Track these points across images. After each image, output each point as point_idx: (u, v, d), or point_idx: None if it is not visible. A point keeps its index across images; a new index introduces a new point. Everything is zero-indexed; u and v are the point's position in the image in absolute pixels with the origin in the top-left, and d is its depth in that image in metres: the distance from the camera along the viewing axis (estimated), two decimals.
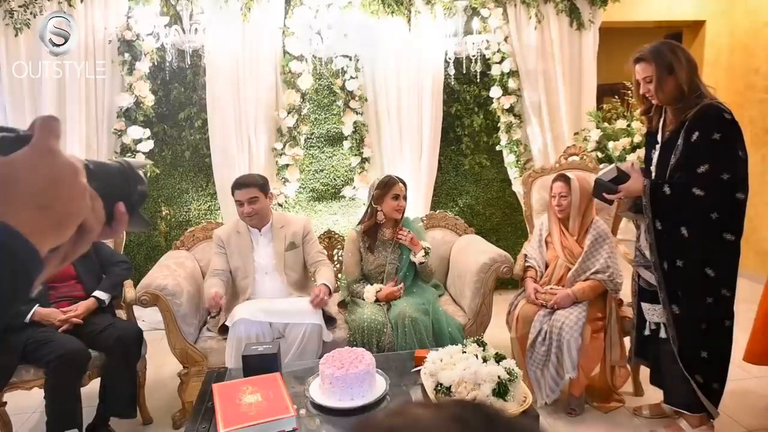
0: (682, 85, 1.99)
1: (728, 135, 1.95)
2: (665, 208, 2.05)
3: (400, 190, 2.73)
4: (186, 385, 2.46)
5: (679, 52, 2.03)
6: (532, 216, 3.15)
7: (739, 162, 1.95)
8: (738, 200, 1.94)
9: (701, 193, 1.94)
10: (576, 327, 2.37)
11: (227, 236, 2.64)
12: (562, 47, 3.88)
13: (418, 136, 3.84)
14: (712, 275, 2.00)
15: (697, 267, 2.02)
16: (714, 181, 1.93)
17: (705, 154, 1.95)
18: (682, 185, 2.00)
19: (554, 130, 3.94)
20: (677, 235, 2.04)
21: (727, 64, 4.74)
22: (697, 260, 2.02)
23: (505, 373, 1.67)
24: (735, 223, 1.98)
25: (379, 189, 2.73)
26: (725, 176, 1.92)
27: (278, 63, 3.63)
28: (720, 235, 1.98)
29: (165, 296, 2.39)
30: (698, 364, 2.07)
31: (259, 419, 1.59)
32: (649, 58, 2.04)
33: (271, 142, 3.70)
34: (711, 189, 1.94)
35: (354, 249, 2.80)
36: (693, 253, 2.03)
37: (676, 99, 2.03)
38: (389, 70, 3.74)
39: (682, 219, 2.03)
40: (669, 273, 2.07)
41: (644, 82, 2.08)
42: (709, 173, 1.93)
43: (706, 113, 1.97)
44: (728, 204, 1.95)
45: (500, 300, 2.87)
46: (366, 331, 2.42)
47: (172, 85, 3.68)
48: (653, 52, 2.04)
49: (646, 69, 2.05)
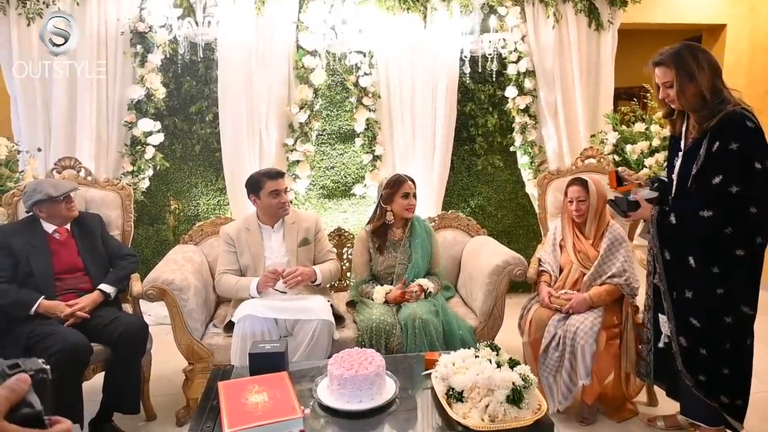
0: (704, 91, 1.88)
1: (746, 145, 1.83)
2: (672, 236, 1.98)
3: (410, 188, 2.68)
4: (191, 382, 2.43)
5: (700, 56, 1.92)
6: (546, 219, 3.09)
7: (756, 175, 1.82)
8: (751, 214, 1.83)
9: (710, 213, 1.86)
10: (591, 332, 2.31)
11: (237, 233, 2.60)
12: (580, 48, 3.81)
13: (431, 134, 3.78)
14: (722, 293, 1.91)
15: (706, 291, 1.94)
16: (720, 195, 1.84)
17: (720, 165, 1.86)
18: (688, 214, 1.93)
19: (570, 132, 3.87)
20: (685, 264, 1.97)
21: (748, 68, 4.65)
22: (705, 286, 1.94)
23: (519, 379, 1.61)
24: (748, 239, 1.86)
25: (388, 188, 2.67)
26: (734, 189, 1.82)
27: (291, 58, 3.59)
28: (730, 250, 1.88)
29: (172, 291, 2.35)
30: (721, 385, 1.99)
31: (265, 420, 1.55)
32: (669, 63, 1.94)
33: (282, 137, 3.66)
34: (718, 205, 1.85)
35: (363, 249, 2.75)
36: (701, 281, 1.95)
37: (698, 105, 1.93)
38: (403, 68, 3.69)
39: (691, 248, 1.95)
40: (679, 302, 2.01)
41: (664, 86, 1.98)
42: (719, 186, 1.85)
43: (729, 121, 1.86)
44: (740, 218, 1.84)
45: (511, 303, 2.80)
46: (375, 332, 2.37)
47: (184, 78, 3.65)
48: (674, 56, 1.93)
49: (666, 74, 1.95)
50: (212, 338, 2.48)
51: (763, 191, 1.85)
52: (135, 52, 3.41)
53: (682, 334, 2.01)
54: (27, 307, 2.22)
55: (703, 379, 2.00)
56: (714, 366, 1.98)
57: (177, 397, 2.56)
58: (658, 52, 2.00)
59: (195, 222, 3.46)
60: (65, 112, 3.41)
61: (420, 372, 1.95)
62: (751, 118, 1.87)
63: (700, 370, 2.00)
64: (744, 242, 1.86)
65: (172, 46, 3.49)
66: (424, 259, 2.70)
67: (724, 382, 1.99)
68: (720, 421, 2.08)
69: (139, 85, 3.43)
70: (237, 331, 2.31)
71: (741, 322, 1.94)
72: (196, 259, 2.70)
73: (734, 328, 1.94)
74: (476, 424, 1.55)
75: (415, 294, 2.55)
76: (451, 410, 1.61)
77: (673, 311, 2.03)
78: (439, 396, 1.68)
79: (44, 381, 0.58)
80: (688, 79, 1.90)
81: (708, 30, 4.74)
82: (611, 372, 2.39)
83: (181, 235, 2.99)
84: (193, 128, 3.72)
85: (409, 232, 2.72)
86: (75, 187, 2.50)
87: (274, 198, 2.53)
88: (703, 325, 1.96)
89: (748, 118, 1.86)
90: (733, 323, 1.93)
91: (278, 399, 1.66)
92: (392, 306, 2.54)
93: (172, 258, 2.62)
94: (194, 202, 3.87)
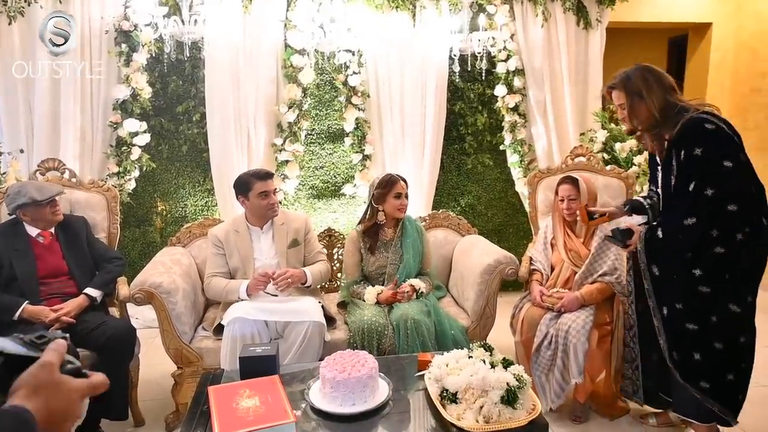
0: (654, 111, 1.96)
1: (709, 148, 1.86)
2: (661, 250, 1.99)
3: (402, 188, 2.66)
4: (180, 386, 2.39)
5: (650, 76, 2.00)
6: (537, 217, 3.09)
7: (727, 173, 1.84)
8: (729, 213, 1.83)
9: (693, 220, 1.87)
10: (583, 331, 2.31)
11: (225, 235, 2.56)
12: (568, 46, 3.82)
13: (421, 133, 3.77)
14: (706, 291, 1.90)
15: (692, 293, 1.93)
16: (698, 200, 1.86)
17: (690, 171, 1.89)
18: (674, 226, 1.94)
19: (559, 131, 3.87)
20: (673, 278, 1.98)
21: (733, 67, 4.70)
22: (690, 288, 1.93)
23: (514, 379, 1.60)
24: (727, 236, 1.85)
25: (380, 188, 2.65)
26: (709, 192, 1.83)
27: (279, 56, 3.56)
28: (709, 249, 1.87)
29: (160, 294, 2.31)
30: (725, 388, 1.98)
31: (257, 425, 1.52)
32: (620, 86, 2.04)
33: (270, 137, 3.62)
34: (698, 210, 1.86)
35: (354, 250, 2.72)
36: (686, 283, 1.94)
37: (651, 125, 2.01)
38: (392, 66, 3.67)
39: (679, 259, 1.94)
40: (670, 317, 2.00)
41: (620, 108, 2.08)
42: (694, 192, 1.87)
43: (687, 129, 1.90)
44: (718, 218, 1.85)
45: (503, 302, 2.80)
46: (366, 333, 2.35)
47: (170, 78, 3.60)
48: (624, 79, 2.03)
49: (619, 96, 2.06)
50: (201, 342, 2.44)
51: (737, 188, 1.85)
52: (120, 51, 3.35)
53: (675, 348, 2.01)
54: (10, 312, 2.17)
55: (706, 385, 1.97)
56: (711, 369, 1.96)
57: (166, 401, 2.52)
58: (613, 76, 2.10)
59: (183, 224, 3.41)
60: (48, 113, 3.34)
61: (413, 373, 1.93)
62: (709, 120, 1.89)
63: (699, 376, 1.98)
64: (723, 240, 1.86)
65: (157, 44, 3.43)
66: (416, 259, 2.69)
67: (728, 385, 1.97)
68: (712, 417, 2.09)
69: (125, 85, 3.38)
70: (227, 334, 2.28)
71: (729, 321, 1.93)
72: (184, 262, 2.66)
73: (721, 327, 1.93)
74: (471, 425, 1.54)
75: (406, 294, 2.53)
76: (445, 412, 1.60)
77: (663, 327, 2.02)
78: (433, 397, 1.66)
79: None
80: (638, 100, 1.99)
81: (694, 28, 4.78)
82: (603, 370, 2.39)
83: (169, 237, 2.95)
84: (180, 128, 3.67)
85: (401, 232, 2.71)
86: (60, 191, 2.45)
87: (263, 199, 2.50)
88: (698, 328, 1.95)
89: (706, 120, 1.89)
90: (719, 322, 1.92)
91: (270, 403, 1.63)
92: (384, 307, 2.52)
93: (159, 260, 2.58)
94: (182, 204, 3.82)
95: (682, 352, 2.00)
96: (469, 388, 1.61)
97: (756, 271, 1.95)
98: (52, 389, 0.67)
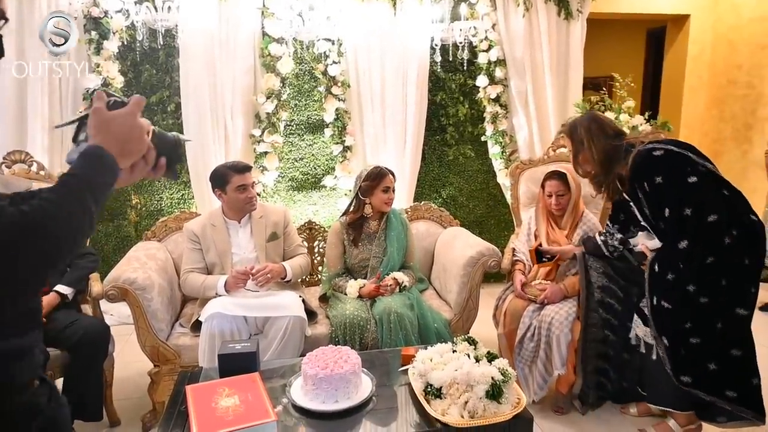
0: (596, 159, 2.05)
1: (668, 172, 1.89)
2: (660, 281, 1.97)
3: (391, 182, 2.62)
4: (157, 385, 2.32)
5: (593, 125, 2.08)
6: (519, 209, 3.08)
7: (695, 188, 1.86)
8: (710, 224, 1.84)
9: (685, 243, 1.87)
10: (566, 323, 2.31)
11: (201, 230, 2.48)
12: (549, 37, 3.80)
13: (402, 124, 3.72)
14: (705, 301, 1.89)
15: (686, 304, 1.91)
16: (680, 222, 1.87)
17: (661, 199, 1.91)
18: (668, 254, 1.95)
19: (540, 122, 3.87)
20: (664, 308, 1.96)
21: (710, 59, 4.75)
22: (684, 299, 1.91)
23: (498, 374, 1.58)
24: (715, 246, 1.86)
25: (369, 180, 2.60)
26: (688, 211, 1.85)
27: (257, 45, 3.47)
28: (703, 262, 1.87)
29: (134, 290, 2.23)
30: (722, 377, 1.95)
31: (237, 425, 1.47)
32: (567, 133, 2.17)
33: (248, 128, 3.54)
34: (685, 232, 1.87)
35: (337, 241, 2.68)
36: (680, 295, 1.93)
37: (593, 171, 2.10)
38: (373, 56, 3.61)
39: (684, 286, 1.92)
40: (658, 309, 1.99)
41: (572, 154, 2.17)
42: (672, 216, 1.88)
43: (639, 163, 1.95)
44: (703, 231, 1.85)
45: (485, 294, 2.79)
46: (348, 328, 2.31)
47: (143, 67, 3.49)
48: (570, 127, 2.15)
49: (568, 143, 2.17)
50: (179, 339, 2.37)
51: (709, 198, 1.86)
52: (89, 39, 3.23)
53: (665, 334, 1.98)
54: None
55: (734, 394, 1.93)
56: (735, 378, 1.93)
57: (143, 400, 2.45)
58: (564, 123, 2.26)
59: (158, 217, 3.32)
60: (14, 103, 3.20)
61: (396, 367, 1.90)
62: (656, 148, 1.94)
63: (691, 368, 1.95)
64: (712, 250, 1.86)
65: (129, 32, 3.32)
66: (400, 252, 2.66)
67: (723, 374, 1.94)
68: (689, 406, 2.11)
69: (95, 74, 3.25)
70: (204, 331, 2.22)
71: (731, 326, 1.90)
72: (159, 257, 2.58)
73: (728, 331, 1.90)
74: (456, 420, 1.52)
75: (389, 288, 2.49)
76: (429, 407, 1.57)
77: (667, 352, 1.98)
78: (417, 393, 1.64)
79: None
80: (582, 148, 2.10)
81: (672, 20, 4.82)
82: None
83: (144, 232, 2.86)
84: (155, 119, 3.56)
85: (385, 225, 2.67)
86: (29, 186, 2.35)
87: (241, 193, 2.43)
88: (701, 340, 1.92)
89: (653, 149, 1.94)
90: (724, 328, 1.89)
91: (250, 402, 1.58)
92: (366, 300, 2.49)
93: (134, 256, 2.49)
94: (157, 197, 3.72)
95: (696, 368, 1.94)
96: (454, 383, 1.58)
97: (757, 265, 1.92)
98: (107, 124, 0.86)
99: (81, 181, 0.82)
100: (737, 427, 2.06)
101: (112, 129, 0.86)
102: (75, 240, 0.80)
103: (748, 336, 1.94)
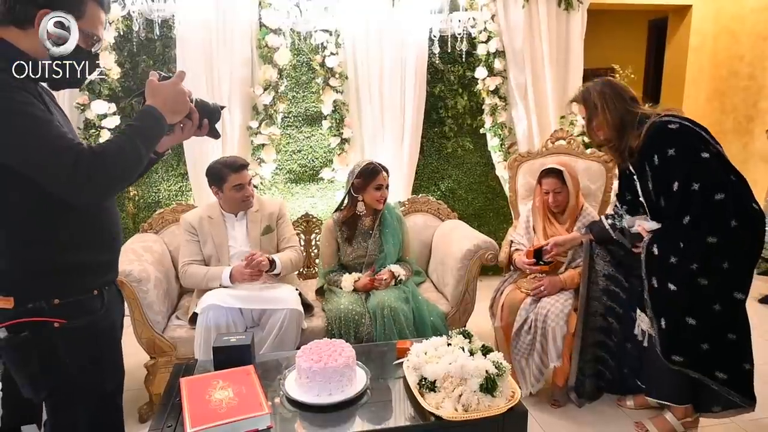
0: (611, 123, 1.99)
1: (681, 145, 1.87)
2: (660, 263, 1.96)
3: (384, 179, 2.59)
4: (153, 377, 2.33)
5: (608, 89, 2.03)
6: (517, 201, 3.06)
7: (706, 164, 1.84)
8: (716, 202, 1.82)
9: (688, 218, 1.86)
10: (562, 315, 2.30)
11: (198, 222, 2.48)
12: (549, 28, 3.76)
13: (401, 116, 3.70)
14: (705, 283, 1.88)
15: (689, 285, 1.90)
16: (686, 197, 1.85)
17: (670, 172, 1.89)
18: (672, 235, 1.92)
19: (539, 114, 3.84)
20: (667, 290, 1.95)
21: (712, 50, 4.71)
22: (687, 280, 1.90)
23: (493, 367, 1.58)
24: (719, 226, 1.84)
25: (361, 178, 2.57)
26: (695, 186, 1.83)
27: (254, 36, 3.44)
28: (703, 240, 1.86)
29: (130, 283, 2.23)
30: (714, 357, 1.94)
31: (230, 417, 1.47)
32: (579, 100, 2.11)
33: (246, 120, 3.52)
34: (690, 207, 1.85)
35: (331, 239, 2.66)
36: (681, 275, 1.91)
37: (609, 137, 2.03)
38: (371, 47, 3.58)
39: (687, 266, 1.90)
40: (658, 292, 1.98)
41: (586, 121, 2.12)
42: (681, 191, 1.86)
43: (653, 134, 1.92)
44: (708, 209, 1.84)
45: (482, 286, 2.78)
46: (343, 321, 2.31)
47: (140, 57, 3.46)
48: (583, 93, 2.10)
49: (581, 109, 2.12)
50: (175, 331, 2.37)
51: (720, 175, 1.85)
52: None
53: (663, 315, 1.97)
54: None
55: (724, 376, 1.92)
56: (726, 360, 1.93)
57: (139, 392, 2.46)
58: (577, 90, 2.16)
59: (155, 209, 3.31)
60: None
61: (391, 360, 1.90)
62: (672, 121, 1.91)
63: (684, 348, 1.95)
64: (716, 229, 1.84)
65: (126, 22, 3.29)
66: (396, 248, 2.64)
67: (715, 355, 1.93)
68: (688, 399, 2.11)
69: None
70: (200, 323, 2.22)
71: (728, 311, 1.90)
72: (156, 249, 2.58)
73: (725, 314, 1.90)
74: (450, 414, 1.52)
75: (385, 281, 2.48)
76: (423, 400, 1.57)
77: (659, 333, 1.98)
78: (411, 386, 1.63)
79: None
80: (596, 113, 2.04)
81: (674, 11, 4.78)
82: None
83: (141, 224, 2.85)
84: None
85: (380, 222, 2.65)
86: None
87: (238, 192, 2.42)
88: (697, 322, 1.91)
89: (669, 122, 1.91)
90: (722, 311, 1.89)
91: (244, 395, 1.58)
92: (361, 294, 2.48)
93: (130, 248, 2.49)
94: (154, 189, 3.71)
95: (689, 348, 1.94)
96: (448, 376, 1.58)
97: (757, 253, 1.92)
98: (158, 90, 1.30)
99: (136, 129, 1.25)
100: (732, 416, 2.07)
101: (161, 93, 1.30)
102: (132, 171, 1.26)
103: (744, 320, 1.94)
